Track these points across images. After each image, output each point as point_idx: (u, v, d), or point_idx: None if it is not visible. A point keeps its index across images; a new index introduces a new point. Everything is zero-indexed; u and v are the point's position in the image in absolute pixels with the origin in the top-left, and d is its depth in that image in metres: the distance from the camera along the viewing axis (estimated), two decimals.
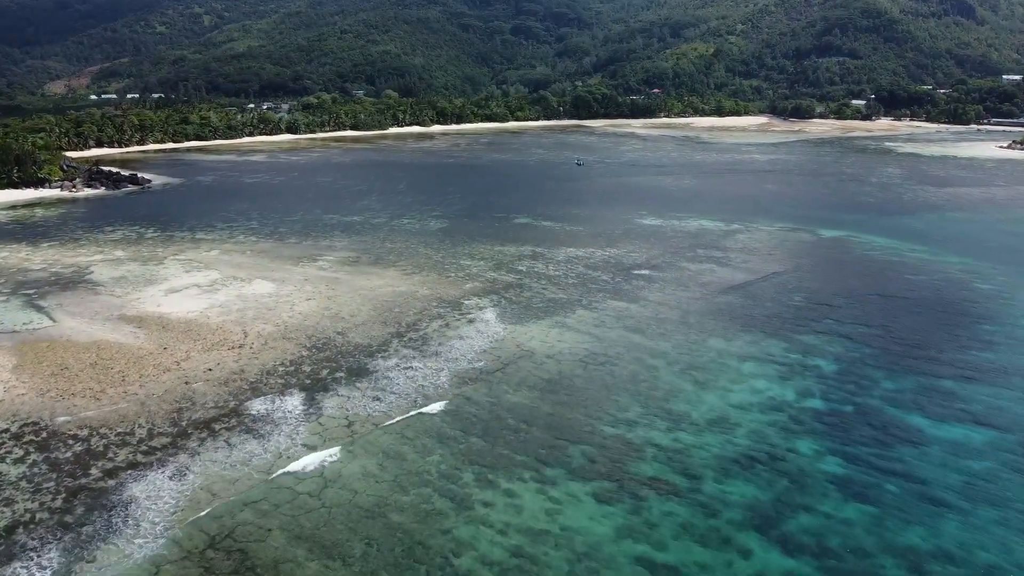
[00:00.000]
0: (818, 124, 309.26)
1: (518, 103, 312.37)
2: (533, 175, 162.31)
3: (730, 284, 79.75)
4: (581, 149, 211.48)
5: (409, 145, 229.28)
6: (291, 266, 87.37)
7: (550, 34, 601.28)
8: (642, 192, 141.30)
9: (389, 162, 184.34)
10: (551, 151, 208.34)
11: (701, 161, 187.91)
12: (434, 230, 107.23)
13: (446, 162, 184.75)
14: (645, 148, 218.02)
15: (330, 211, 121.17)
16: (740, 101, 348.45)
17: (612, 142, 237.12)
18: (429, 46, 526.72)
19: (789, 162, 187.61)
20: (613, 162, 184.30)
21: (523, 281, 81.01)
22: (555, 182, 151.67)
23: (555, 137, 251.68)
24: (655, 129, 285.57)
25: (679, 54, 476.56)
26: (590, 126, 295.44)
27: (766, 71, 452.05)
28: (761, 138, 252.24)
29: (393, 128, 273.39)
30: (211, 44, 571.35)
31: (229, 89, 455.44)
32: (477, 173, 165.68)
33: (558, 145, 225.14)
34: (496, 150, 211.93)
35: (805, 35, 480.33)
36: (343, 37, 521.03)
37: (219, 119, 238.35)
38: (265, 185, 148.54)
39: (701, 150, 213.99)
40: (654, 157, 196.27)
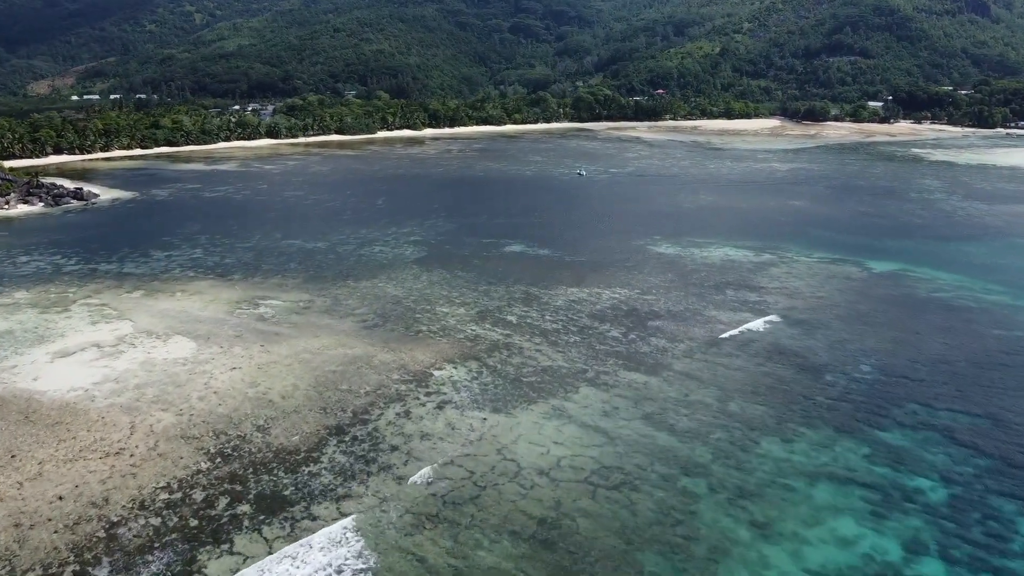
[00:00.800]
0: (834, 127, 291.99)
1: (516, 105, 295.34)
2: (529, 189, 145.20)
3: (775, 344, 62.71)
4: (583, 156, 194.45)
5: (396, 151, 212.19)
6: (225, 314, 70.37)
7: (550, 33, 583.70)
8: (653, 210, 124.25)
9: (371, 172, 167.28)
10: (550, 159, 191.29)
11: (715, 171, 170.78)
12: (409, 261, 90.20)
13: (433, 172, 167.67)
14: (652, 155, 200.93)
15: (292, 235, 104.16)
16: (750, 103, 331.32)
17: (616, 148, 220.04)
18: (425, 45, 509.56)
19: (813, 172, 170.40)
20: (618, 172, 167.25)
21: (512, 339, 64.00)
22: (554, 198, 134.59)
23: (554, 142, 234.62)
24: (661, 133, 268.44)
25: (684, 53, 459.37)
26: (592, 129, 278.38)
27: (775, 71, 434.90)
28: (776, 143, 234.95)
29: (382, 132, 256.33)
30: (200, 43, 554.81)
31: (216, 90, 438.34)
32: (467, 186, 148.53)
33: (558, 151, 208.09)
34: (490, 157, 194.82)
35: (815, 33, 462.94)
36: (336, 36, 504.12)
37: (193, 123, 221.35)
38: (226, 201, 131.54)
39: (713, 157, 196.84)
40: (662, 166, 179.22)
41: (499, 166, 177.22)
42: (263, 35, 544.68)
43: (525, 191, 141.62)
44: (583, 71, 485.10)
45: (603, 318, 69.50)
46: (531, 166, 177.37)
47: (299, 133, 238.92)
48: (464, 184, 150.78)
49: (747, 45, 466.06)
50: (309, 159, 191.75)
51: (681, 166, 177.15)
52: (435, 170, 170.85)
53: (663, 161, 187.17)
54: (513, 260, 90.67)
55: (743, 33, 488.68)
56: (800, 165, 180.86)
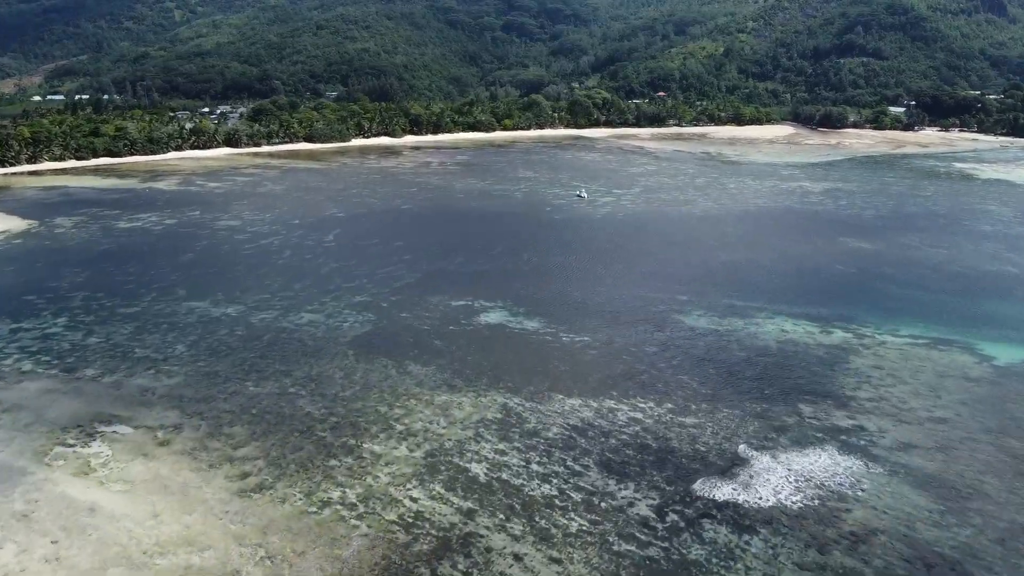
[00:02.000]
0: (855, 135, 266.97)
1: (507, 108, 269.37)
2: (518, 219, 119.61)
3: (912, 547, 37.43)
4: (581, 172, 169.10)
5: (368, 164, 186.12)
6: (30, 461, 44.81)
7: (544, 31, 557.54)
8: (673, 252, 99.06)
9: (331, 193, 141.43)
10: (543, 174, 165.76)
11: (736, 192, 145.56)
12: (345, 343, 64.80)
13: (405, 193, 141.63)
14: (660, 170, 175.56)
15: (200, 292, 78.60)
16: (760, 108, 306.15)
17: (618, 161, 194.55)
18: (413, 44, 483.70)
19: (851, 194, 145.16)
20: (623, 194, 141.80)
21: (475, 527, 38.75)
22: (548, 232, 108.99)
23: (548, 153, 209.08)
24: (667, 141, 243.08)
25: (686, 53, 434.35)
26: (590, 137, 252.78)
27: (782, 72, 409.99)
28: (797, 155, 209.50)
29: (357, 140, 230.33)
30: (178, 40, 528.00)
31: (189, 90, 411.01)
32: (441, 215, 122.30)
33: (552, 165, 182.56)
34: (474, 173, 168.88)
35: (823, 33, 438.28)
36: (319, 33, 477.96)
37: (139, 130, 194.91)
38: (139, 237, 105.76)
39: (731, 173, 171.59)
40: (674, 184, 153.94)
41: (483, 185, 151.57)
42: (243, 32, 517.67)
43: (513, 222, 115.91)
44: (579, 71, 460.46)
45: (622, 470, 44.21)
46: (521, 185, 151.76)
47: (262, 141, 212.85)
48: (438, 211, 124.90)
49: (752, 45, 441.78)
50: (265, 174, 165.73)
51: (696, 185, 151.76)
52: (407, 191, 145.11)
53: (674, 178, 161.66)
54: (490, 341, 65.32)
55: (747, 32, 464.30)
56: (834, 184, 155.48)
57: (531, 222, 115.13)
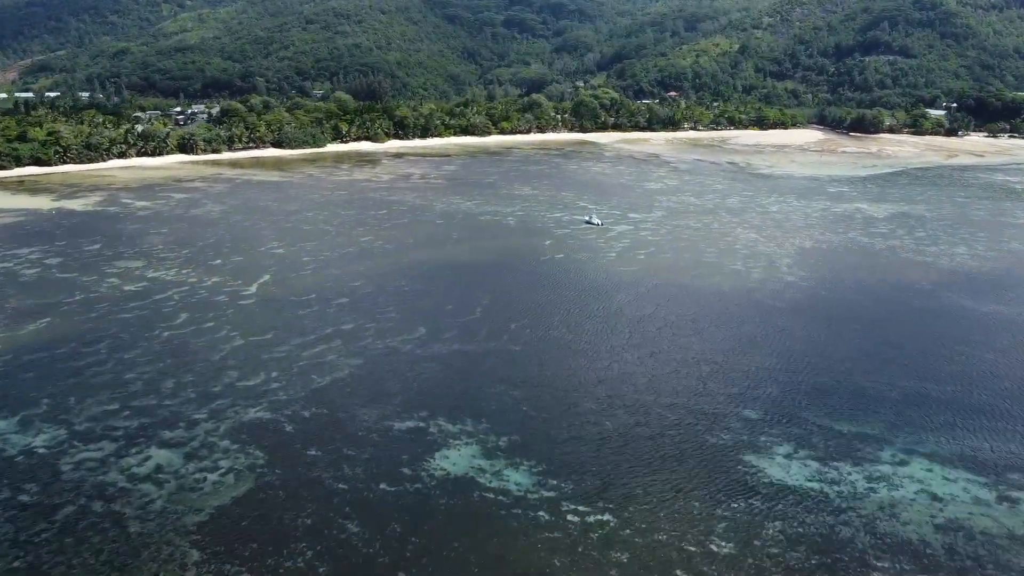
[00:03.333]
0: (894, 142, 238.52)
1: (504, 110, 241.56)
2: (508, 263, 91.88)
3: None
4: (588, 187, 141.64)
5: (338, 176, 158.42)
6: None
7: (547, 27, 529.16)
8: (720, 320, 71.48)
9: (277, 218, 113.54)
10: (545, 191, 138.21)
11: (782, 217, 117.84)
12: (191, 530, 37.30)
13: (368, 220, 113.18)
14: (683, 185, 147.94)
15: (11, 396, 51.32)
16: (785, 110, 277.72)
17: (632, 173, 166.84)
18: (408, 39, 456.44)
19: (925, 221, 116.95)
20: (643, 219, 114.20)
21: None
22: (547, 290, 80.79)
23: (551, 162, 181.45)
24: (684, 148, 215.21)
25: (698, 50, 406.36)
26: (597, 143, 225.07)
27: (802, 71, 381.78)
28: (837, 166, 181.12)
29: (333, 145, 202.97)
30: (161, 35, 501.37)
31: (166, 88, 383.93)
32: (409, 259, 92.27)
33: (555, 179, 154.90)
34: (460, 189, 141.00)
35: (845, 30, 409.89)
36: (308, 28, 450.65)
37: (75, 135, 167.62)
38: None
39: (768, 190, 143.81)
40: (702, 206, 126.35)
41: (470, 206, 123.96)
42: (230, 27, 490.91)
43: (500, 271, 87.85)
44: (584, 70, 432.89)
45: None
46: (516, 205, 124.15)
47: (222, 147, 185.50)
48: (404, 250, 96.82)
49: (768, 42, 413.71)
50: (210, 190, 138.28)
51: (730, 208, 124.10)
52: (375, 213, 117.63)
53: (701, 197, 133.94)
54: (447, 520, 37.92)
55: (763, 29, 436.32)
56: (897, 207, 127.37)
57: (525, 269, 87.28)
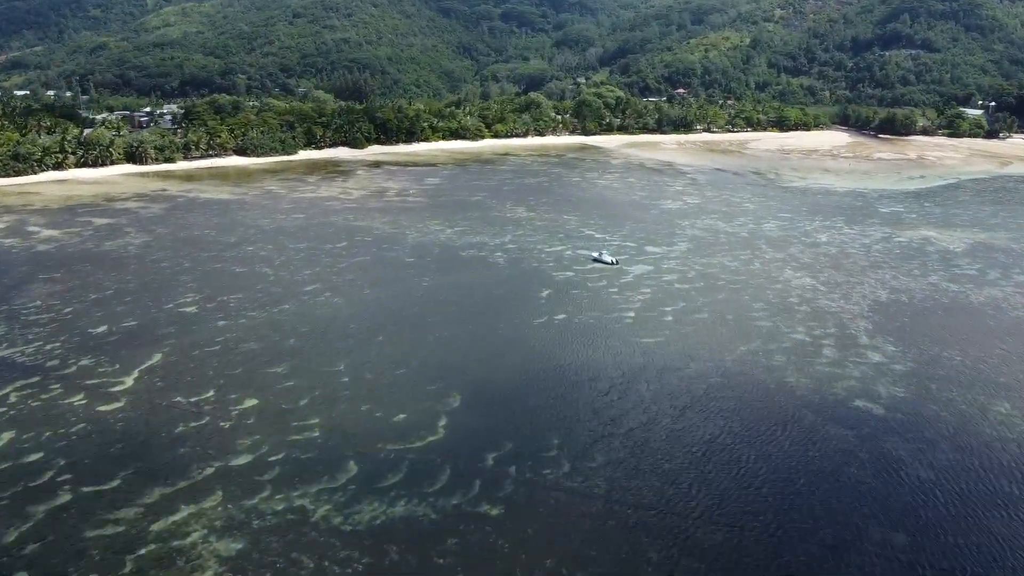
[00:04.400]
0: (932, 145, 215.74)
1: (499, 111, 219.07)
2: (490, 329, 69.21)
3: None
4: (596, 209, 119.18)
5: (301, 192, 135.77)
6: None
7: (547, 20, 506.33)
8: (813, 469, 48.89)
9: (208, 256, 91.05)
10: (542, 212, 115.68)
11: (836, 252, 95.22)
12: None
13: (320, 259, 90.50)
14: (706, 204, 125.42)
15: None
16: (808, 110, 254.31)
17: (645, 187, 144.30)
18: (400, 34, 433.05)
19: (1018, 257, 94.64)
20: (665, 254, 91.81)
21: None
22: (541, 386, 57.64)
23: (550, 173, 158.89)
24: (700, 154, 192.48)
25: (707, 44, 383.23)
26: (602, 148, 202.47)
27: (819, 67, 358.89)
28: (878, 177, 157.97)
29: (305, 152, 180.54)
30: (142, 30, 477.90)
31: (143, 85, 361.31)
32: (353, 334, 68.63)
33: (556, 196, 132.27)
34: (441, 212, 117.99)
35: (863, 22, 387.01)
36: (294, 22, 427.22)
37: None
38: None
39: (808, 210, 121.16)
40: (734, 233, 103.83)
41: (450, 236, 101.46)
42: (213, 21, 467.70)
43: (479, 349, 64.54)
44: (586, 65, 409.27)
45: None
46: (508, 234, 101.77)
47: (177, 155, 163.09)
48: (350, 315, 73.69)
49: (782, 36, 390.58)
50: (143, 213, 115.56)
51: (769, 236, 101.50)
52: (332, 247, 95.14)
53: (730, 220, 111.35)
54: None
55: (775, 22, 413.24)
56: (974, 235, 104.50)
57: (513, 345, 64.55)
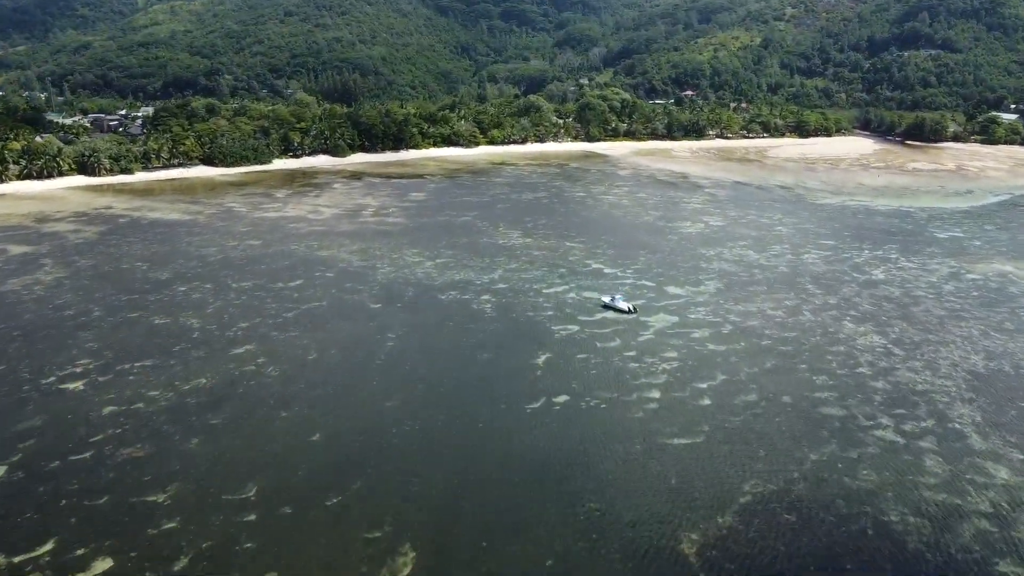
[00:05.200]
0: (967, 153, 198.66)
1: (496, 115, 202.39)
2: (467, 422, 52.12)
3: None
4: (604, 233, 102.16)
5: (264, 211, 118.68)
6: None
7: (548, 19, 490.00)
8: None
9: (127, 297, 74.54)
10: (540, 239, 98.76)
11: (899, 293, 78.30)
12: None
13: (265, 305, 74.01)
14: (730, 226, 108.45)
15: None
16: (828, 114, 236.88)
17: (659, 204, 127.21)
18: (396, 33, 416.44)
19: None
20: (690, 298, 74.92)
21: None
22: (524, 534, 40.52)
23: (551, 186, 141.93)
24: (716, 163, 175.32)
25: (716, 44, 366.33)
26: (608, 156, 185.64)
27: (834, 68, 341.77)
28: (923, 193, 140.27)
29: (281, 160, 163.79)
30: (130, 29, 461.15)
31: (124, 87, 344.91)
32: (279, 431, 49.68)
33: (556, 216, 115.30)
34: (422, 237, 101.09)
35: (878, 21, 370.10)
36: (286, 20, 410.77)
37: None
38: None
39: (850, 234, 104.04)
40: (769, 267, 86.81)
41: (428, 272, 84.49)
42: (203, 19, 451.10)
43: (449, 461, 47.21)
44: (589, 66, 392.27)
45: None
46: (499, 269, 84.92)
47: (134, 165, 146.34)
48: (283, 395, 56.47)
49: (794, 35, 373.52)
50: (72, 238, 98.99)
51: (812, 272, 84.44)
52: (278, 290, 78.32)
53: (764, 251, 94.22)
54: None
55: (786, 21, 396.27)
56: None
57: (496, 447, 47.57)
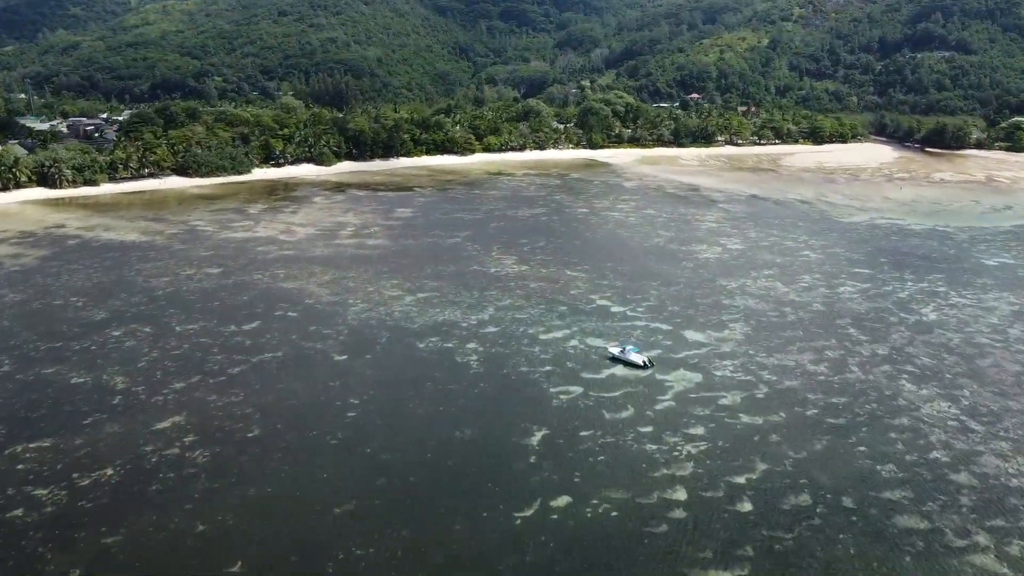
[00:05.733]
0: (995, 162, 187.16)
1: (493, 120, 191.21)
2: (440, 538, 41.08)
3: None
4: (609, 259, 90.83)
5: (232, 231, 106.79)
6: None
7: (549, 20, 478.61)
8: None
9: (47, 345, 63.03)
10: (538, 268, 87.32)
11: (959, 341, 66.78)
12: None
13: (210, 355, 62.44)
14: (751, 251, 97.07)
15: None
16: (844, 118, 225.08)
17: (670, 221, 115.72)
18: (392, 33, 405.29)
19: None
20: (713, 347, 63.59)
21: None
22: None
23: (550, 200, 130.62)
24: (727, 174, 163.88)
25: (722, 46, 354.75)
26: (612, 165, 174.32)
27: (844, 70, 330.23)
28: (959, 211, 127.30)
29: (262, 170, 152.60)
30: (120, 29, 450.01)
31: (110, 88, 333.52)
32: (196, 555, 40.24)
33: (556, 235, 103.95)
34: (403, 263, 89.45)
35: (889, 22, 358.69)
36: (279, 21, 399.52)
37: None
38: None
39: (889, 262, 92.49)
40: (802, 304, 75.29)
41: (408, 309, 72.98)
42: (195, 19, 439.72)
43: None
44: (591, 67, 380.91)
45: None
46: (489, 306, 73.50)
47: (100, 176, 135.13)
48: (203, 504, 45.24)
49: (802, 36, 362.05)
50: (6, 265, 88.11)
51: (853, 310, 72.86)
52: (229, 334, 67.12)
53: (792, 282, 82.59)
54: None
55: (793, 21, 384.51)
56: None
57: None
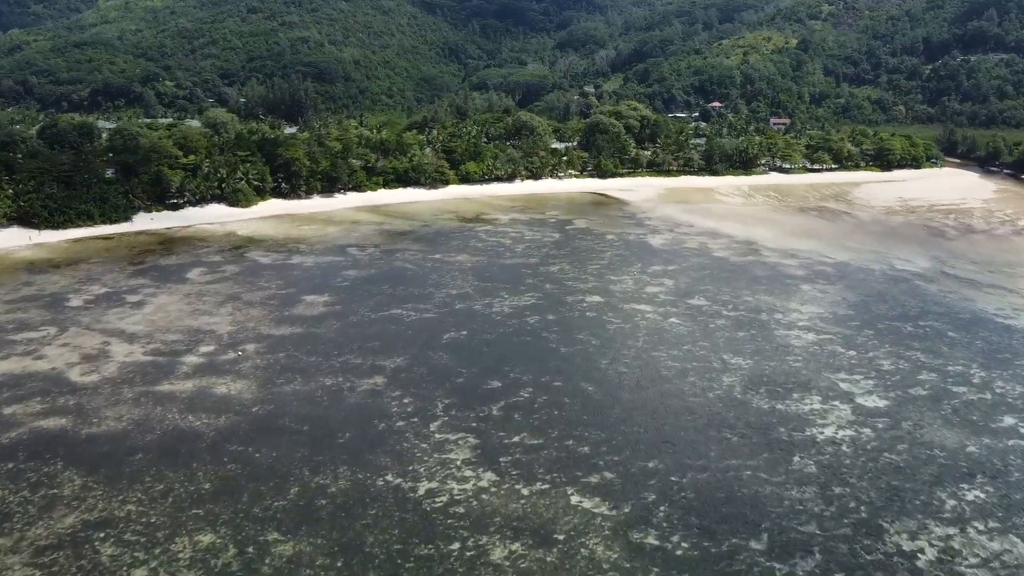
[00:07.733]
0: None
1: (474, 141, 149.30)
2: None
3: None
4: (647, 437, 49.28)
5: (27, 337, 66.15)
6: None
7: (549, 19, 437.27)
8: None
9: None
10: (515, 490, 44.96)
11: None
12: None
13: None
14: (897, 405, 55.48)
15: None
16: (916, 139, 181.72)
17: (730, 323, 72.74)
18: (374, 33, 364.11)
19: None
20: None
21: None
22: None
23: (543, 276, 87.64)
24: (785, 218, 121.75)
25: (745, 46, 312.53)
26: (628, 202, 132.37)
27: (886, 74, 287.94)
28: None
29: (150, 214, 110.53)
30: (76, 28, 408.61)
31: (47, 95, 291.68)
32: None
33: (544, 370, 61.10)
34: (248, 478, 46.61)
35: (934, 20, 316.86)
36: (248, 18, 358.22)
37: None
38: None
39: None
40: None
41: None
42: (158, 17, 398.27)
43: None
44: (595, 71, 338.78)
45: None
46: None
47: None
48: None
49: (835, 36, 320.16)
50: None
51: None
52: None
53: (1011, 516, 42.09)
54: None
55: (823, 19, 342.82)
56: None
57: None
